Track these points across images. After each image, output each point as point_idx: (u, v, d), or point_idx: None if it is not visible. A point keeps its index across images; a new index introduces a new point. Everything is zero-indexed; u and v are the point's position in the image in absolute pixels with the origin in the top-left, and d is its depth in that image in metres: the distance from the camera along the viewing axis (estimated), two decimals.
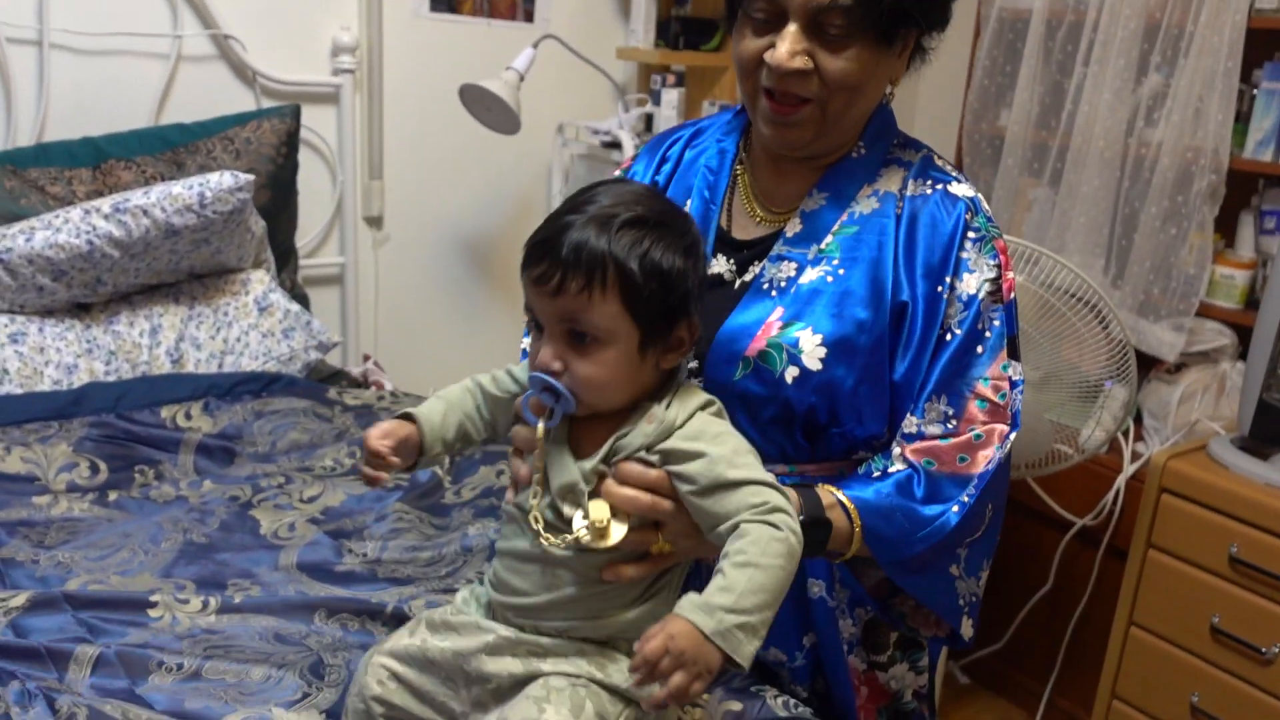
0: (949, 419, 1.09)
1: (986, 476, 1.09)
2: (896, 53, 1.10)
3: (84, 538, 1.47)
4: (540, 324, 0.98)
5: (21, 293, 1.83)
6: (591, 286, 0.94)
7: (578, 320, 0.95)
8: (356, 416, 1.90)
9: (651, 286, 0.95)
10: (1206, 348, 2.24)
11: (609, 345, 0.96)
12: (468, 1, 2.50)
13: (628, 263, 0.94)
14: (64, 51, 2.05)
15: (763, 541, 0.91)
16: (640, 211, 0.97)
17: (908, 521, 1.07)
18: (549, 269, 0.95)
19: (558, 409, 0.98)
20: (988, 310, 1.10)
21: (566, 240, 0.94)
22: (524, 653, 1.02)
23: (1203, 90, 2.14)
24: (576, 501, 0.99)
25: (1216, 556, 1.86)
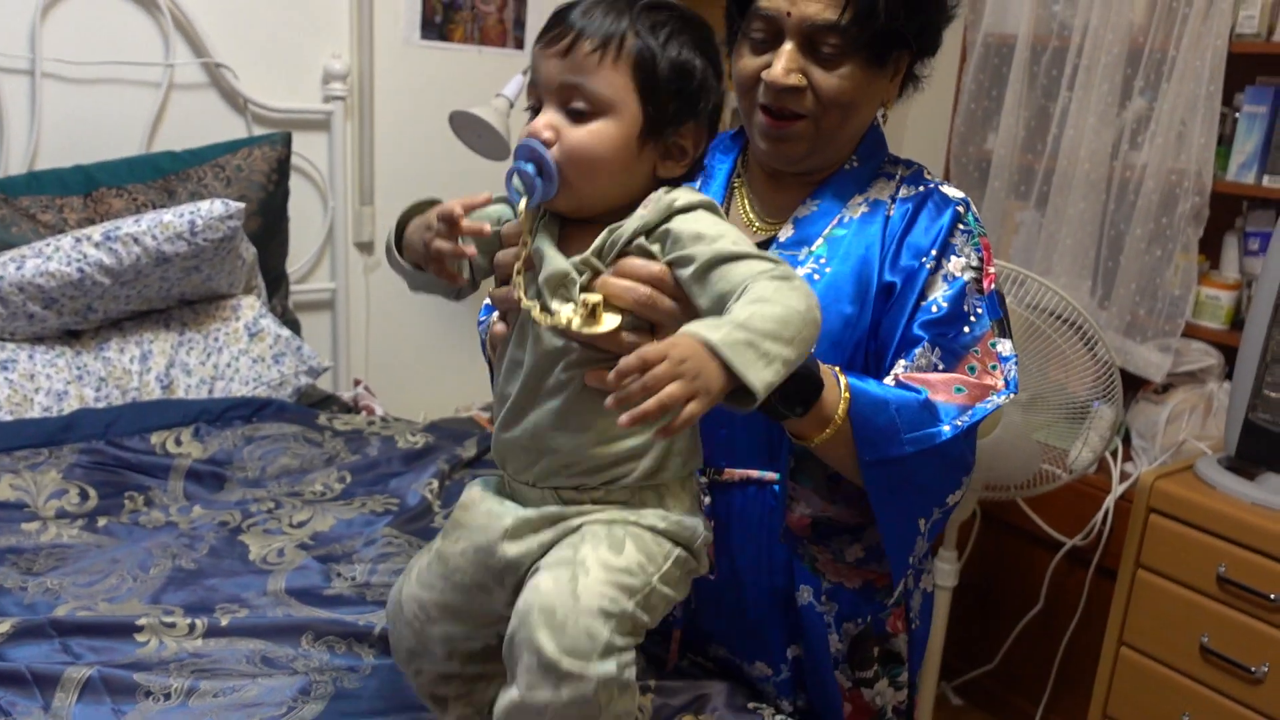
0: (938, 368, 1.09)
1: (981, 414, 1.07)
2: (889, 75, 1.13)
3: (73, 564, 1.46)
4: (539, 105, 0.92)
5: (12, 320, 1.84)
6: (605, 50, 0.89)
7: (582, 87, 0.89)
8: (346, 441, 1.90)
9: (666, 69, 0.90)
10: (1193, 368, 2.26)
11: (609, 118, 0.89)
12: (458, 29, 2.52)
13: (647, 40, 0.89)
14: (57, 80, 2.07)
15: (773, 285, 0.84)
16: (673, 8, 0.93)
17: (899, 417, 1.03)
18: (563, 30, 0.90)
19: (539, 185, 0.89)
20: (971, 295, 1.11)
21: (588, 8, 0.90)
22: (546, 523, 0.94)
23: (1185, 114, 2.16)
24: (568, 295, 0.91)
25: (1205, 576, 1.86)
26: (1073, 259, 2.37)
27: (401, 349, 2.65)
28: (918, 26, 1.09)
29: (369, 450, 1.89)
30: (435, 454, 1.89)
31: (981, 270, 1.13)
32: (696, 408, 0.77)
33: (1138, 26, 2.24)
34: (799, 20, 1.06)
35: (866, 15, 1.04)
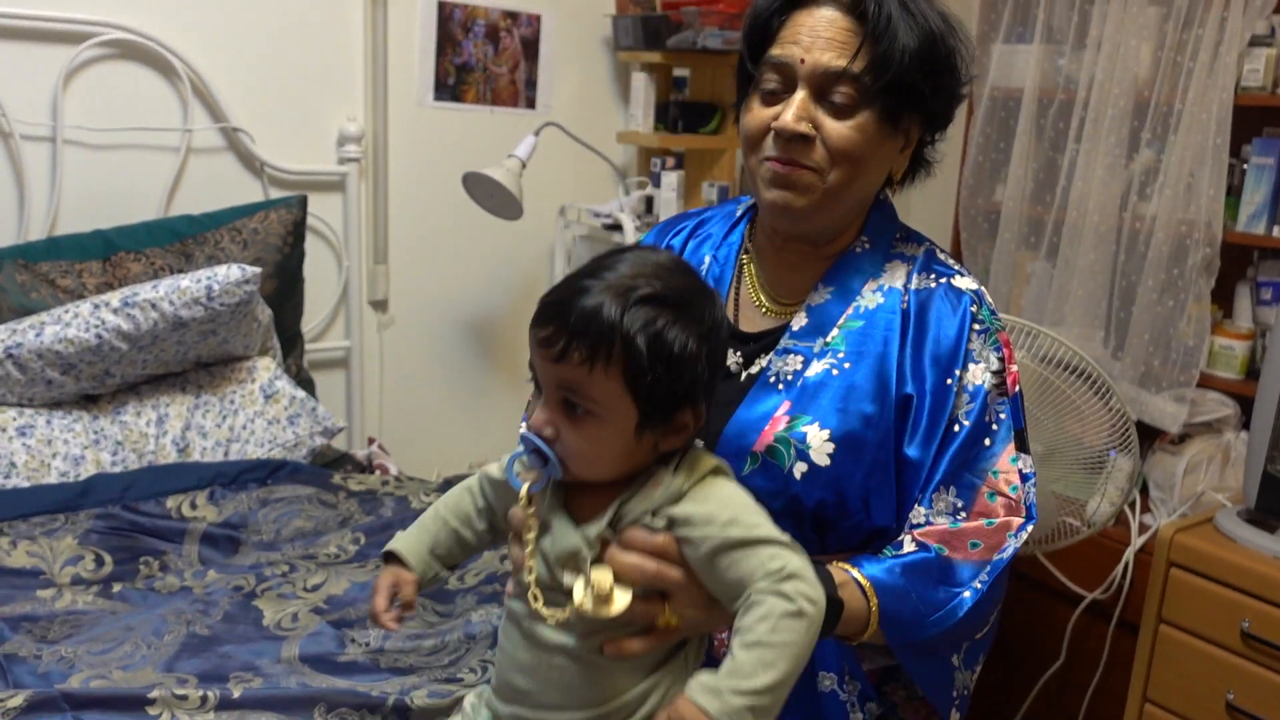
0: (958, 511, 1.09)
1: (1000, 565, 1.08)
2: (899, 143, 1.13)
3: (87, 632, 1.46)
4: (539, 384, 0.95)
5: (30, 386, 1.85)
6: (595, 359, 0.89)
7: (576, 390, 0.91)
8: (361, 502, 1.90)
9: (658, 370, 0.90)
10: (1209, 418, 2.24)
11: (604, 421, 0.91)
12: (471, 90, 2.56)
13: (636, 342, 0.88)
14: (77, 147, 2.11)
15: (774, 617, 0.86)
16: (659, 287, 0.91)
17: (921, 603, 1.05)
18: (555, 333, 0.90)
19: (544, 474, 0.93)
20: (994, 403, 1.11)
21: (578, 306, 0.89)
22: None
23: (1193, 165, 2.17)
24: (578, 569, 0.93)
25: (1229, 632, 1.84)
26: (1085, 309, 2.37)
27: (415, 406, 2.66)
28: (931, 86, 1.08)
29: (383, 511, 1.89)
30: None
31: (1004, 371, 1.12)
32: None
33: (1143, 80, 2.26)
34: (812, 67, 1.06)
35: (881, 64, 1.04)
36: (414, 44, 2.45)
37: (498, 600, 1.60)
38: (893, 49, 1.04)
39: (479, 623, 1.53)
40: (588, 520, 0.94)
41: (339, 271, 2.47)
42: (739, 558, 0.89)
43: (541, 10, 2.60)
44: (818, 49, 1.06)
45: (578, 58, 2.69)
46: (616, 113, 2.76)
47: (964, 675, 1.14)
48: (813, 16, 1.08)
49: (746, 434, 1.11)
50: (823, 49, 1.06)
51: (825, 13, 1.07)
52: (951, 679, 1.13)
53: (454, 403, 2.71)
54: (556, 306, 0.91)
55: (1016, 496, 1.10)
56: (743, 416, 1.12)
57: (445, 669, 1.43)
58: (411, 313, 2.61)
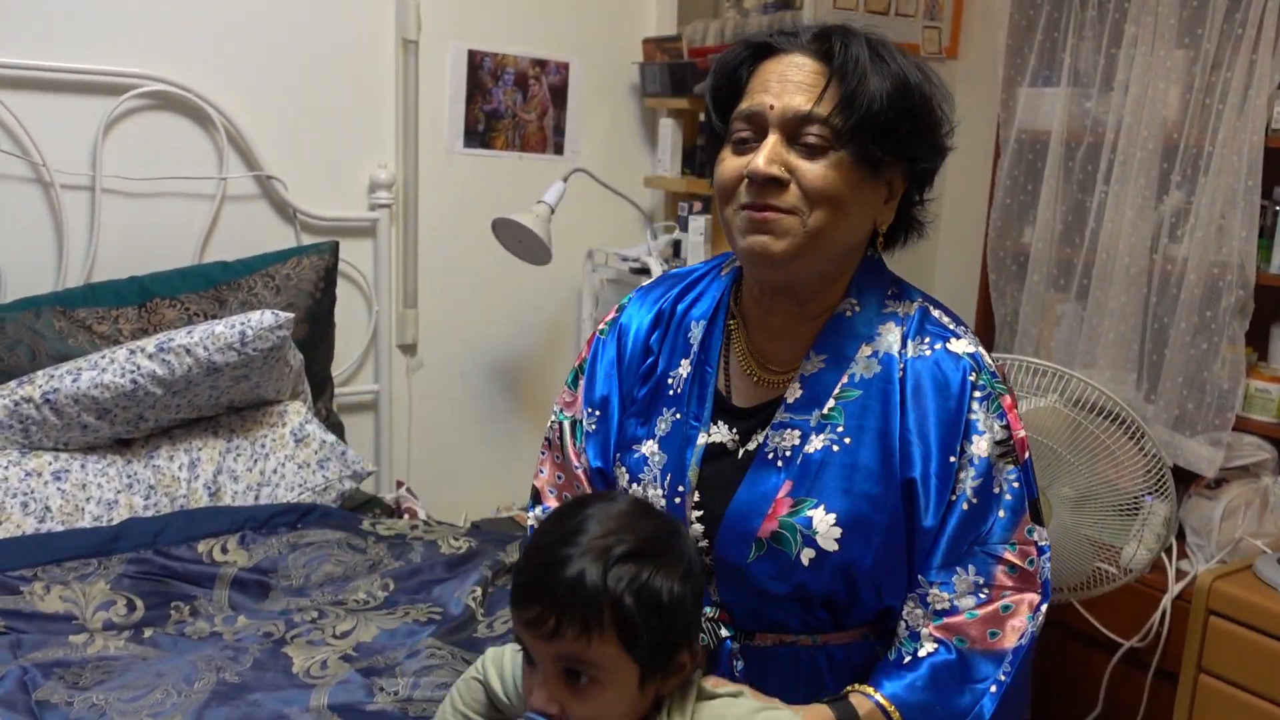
0: (980, 589, 1.07)
1: (1020, 652, 1.07)
2: (882, 192, 1.10)
3: (118, 678, 1.47)
4: (532, 659, 0.95)
5: (66, 431, 1.88)
6: (589, 630, 0.89)
7: (575, 661, 0.91)
8: (390, 547, 1.91)
9: (652, 624, 0.90)
10: (1246, 462, 2.21)
11: (607, 686, 0.92)
12: (500, 136, 2.59)
13: (624, 603, 0.89)
14: (115, 196, 2.15)
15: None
16: (633, 542, 0.92)
17: (945, 714, 1.05)
18: (543, 613, 0.90)
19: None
20: (1002, 473, 1.08)
21: (559, 580, 0.90)
22: None
23: (1224, 207, 2.16)
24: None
25: (1271, 683, 1.80)
26: (1116, 352, 2.35)
27: (443, 449, 2.67)
28: (907, 129, 1.06)
29: (412, 556, 1.89)
30: (478, 559, 1.88)
31: (1009, 440, 1.09)
32: None
33: (1171, 123, 2.26)
34: (782, 112, 1.04)
35: (849, 104, 1.03)
36: (444, 92, 2.49)
37: None
38: (861, 89, 1.03)
39: None
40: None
41: (369, 316, 2.50)
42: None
43: (570, 58, 2.64)
44: (787, 94, 1.05)
45: (605, 104, 2.72)
46: (644, 158, 2.79)
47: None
48: (781, 64, 1.07)
49: (750, 517, 1.09)
50: (792, 93, 1.04)
51: (794, 59, 1.07)
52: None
53: (482, 446, 2.72)
54: (537, 586, 0.91)
55: (1033, 570, 1.08)
56: (744, 498, 1.10)
57: None
58: (440, 356, 2.62)
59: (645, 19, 2.73)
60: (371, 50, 2.39)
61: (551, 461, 1.33)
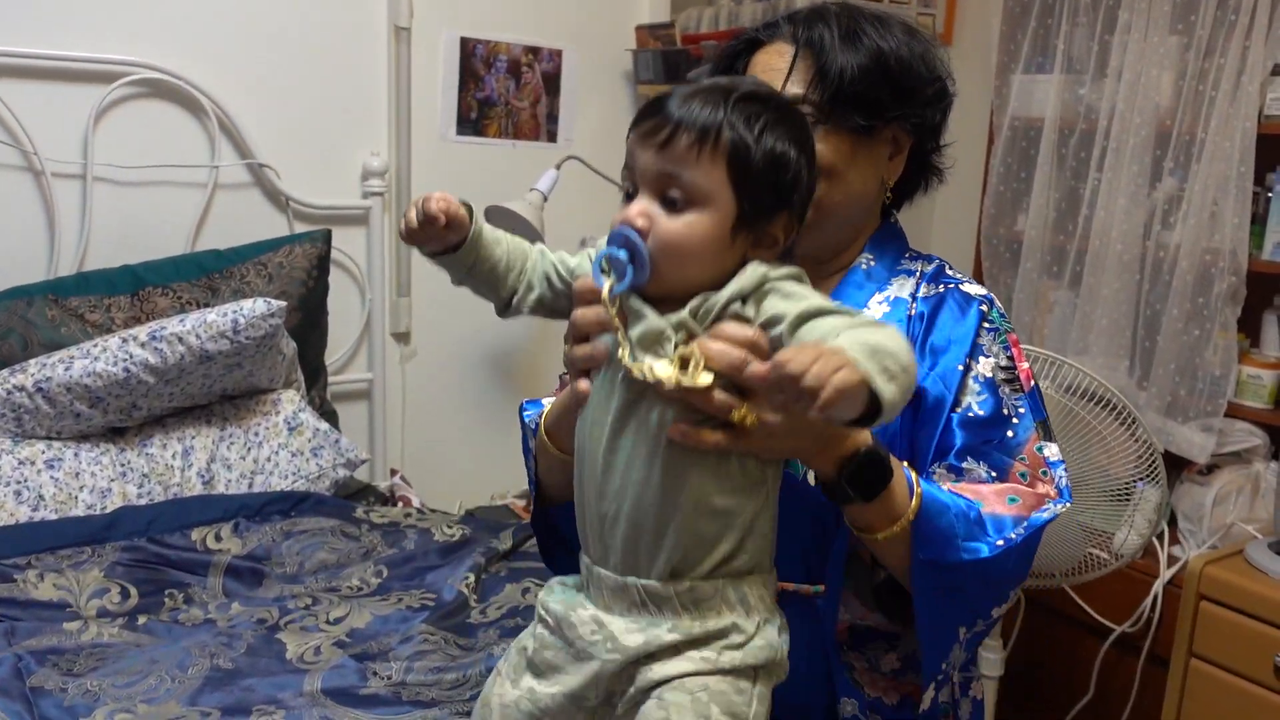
0: (991, 478, 1.07)
1: (1037, 524, 1.04)
2: (884, 150, 1.15)
3: (112, 665, 1.47)
4: (632, 189, 0.94)
5: (59, 420, 1.88)
6: (702, 144, 0.90)
7: (678, 178, 0.90)
8: (383, 535, 1.91)
9: (762, 165, 0.91)
10: (1238, 448, 2.22)
11: (703, 210, 0.91)
12: (493, 124, 2.58)
13: (741, 132, 0.90)
14: (106, 184, 2.14)
15: (872, 328, 0.84)
16: (763, 91, 0.95)
17: (958, 523, 1.02)
18: (660, 122, 0.91)
19: (630, 272, 0.90)
20: (1009, 398, 1.10)
21: (684, 98, 0.91)
22: (637, 647, 0.93)
23: (1217, 194, 2.17)
24: (661, 352, 0.91)
25: (1260, 667, 1.81)
26: (1109, 339, 2.35)
27: (437, 437, 2.67)
28: (889, 93, 1.11)
29: (405, 543, 1.89)
30: (471, 546, 1.89)
31: (1014, 368, 1.12)
32: (848, 375, 0.76)
33: (1165, 110, 2.26)
34: None
35: (821, 80, 1.09)
36: (437, 80, 2.48)
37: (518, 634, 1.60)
38: (830, 63, 1.09)
39: (500, 656, 1.52)
40: (670, 312, 0.92)
41: (362, 304, 2.49)
42: (820, 322, 0.87)
43: (563, 46, 2.63)
44: (772, 83, 1.09)
45: (599, 92, 2.72)
46: None
47: (959, 654, 1.09)
48: (767, 54, 1.14)
49: None
50: (775, 80, 1.10)
51: (776, 47, 1.14)
52: (949, 647, 1.08)
53: (476, 434, 2.72)
54: (661, 101, 0.93)
55: (1048, 478, 1.08)
56: None
57: (467, 703, 1.42)
58: (434, 345, 2.62)
59: (639, 6, 2.72)
60: (364, 38, 2.39)
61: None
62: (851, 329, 0.84)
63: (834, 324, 0.86)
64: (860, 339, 0.81)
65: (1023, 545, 1.03)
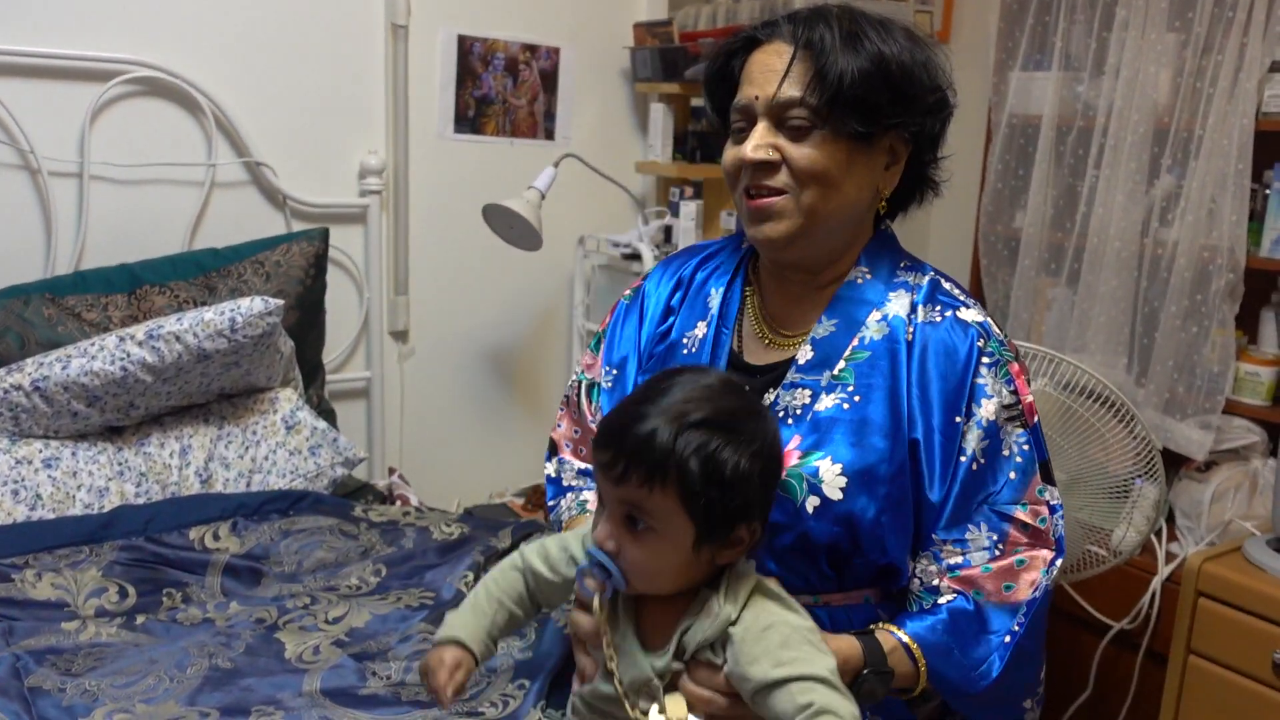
0: (994, 545, 1.09)
1: (1034, 605, 1.09)
2: (881, 159, 1.13)
3: (110, 664, 1.47)
4: (600, 507, 1.02)
5: (56, 419, 1.87)
6: (652, 481, 0.95)
7: (636, 508, 0.97)
8: (382, 533, 1.91)
9: (711, 491, 0.96)
10: (1236, 445, 2.22)
11: (663, 537, 0.97)
12: (490, 122, 2.58)
13: (689, 465, 0.95)
14: (103, 183, 2.14)
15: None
16: (709, 412, 0.97)
17: (964, 659, 1.07)
18: (614, 458, 0.97)
19: (609, 585, 1.00)
20: (1010, 436, 1.10)
21: (634, 432, 0.96)
22: None
23: (1215, 191, 2.17)
24: (651, 695, 1.00)
25: (1259, 664, 1.81)
26: (1107, 336, 2.35)
27: (435, 436, 2.67)
28: (888, 99, 1.09)
29: (404, 542, 1.89)
30: (470, 545, 1.88)
31: (1017, 404, 1.11)
32: None
33: (1162, 106, 2.26)
34: (765, 100, 1.11)
35: (820, 84, 1.08)
36: (434, 78, 2.48)
37: (519, 634, 1.60)
38: (829, 66, 1.08)
39: (499, 656, 1.52)
40: (655, 648, 1.01)
41: (360, 302, 2.49)
42: (777, 697, 0.95)
43: (560, 43, 2.63)
44: (769, 83, 1.10)
45: (596, 89, 2.71)
46: (635, 143, 2.78)
47: (1033, 712, 1.16)
48: (765, 53, 1.13)
49: None
50: (772, 81, 1.10)
51: (775, 47, 1.13)
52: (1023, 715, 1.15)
53: (474, 433, 2.72)
54: (616, 433, 0.98)
55: (1045, 529, 1.10)
56: None
57: (466, 702, 1.42)
58: (432, 343, 2.62)
59: (636, 3, 2.72)
60: (361, 36, 2.38)
61: (569, 417, 1.39)
62: None
63: (784, 707, 0.94)
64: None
65: (1028, 631, 1.09)
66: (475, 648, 1.08)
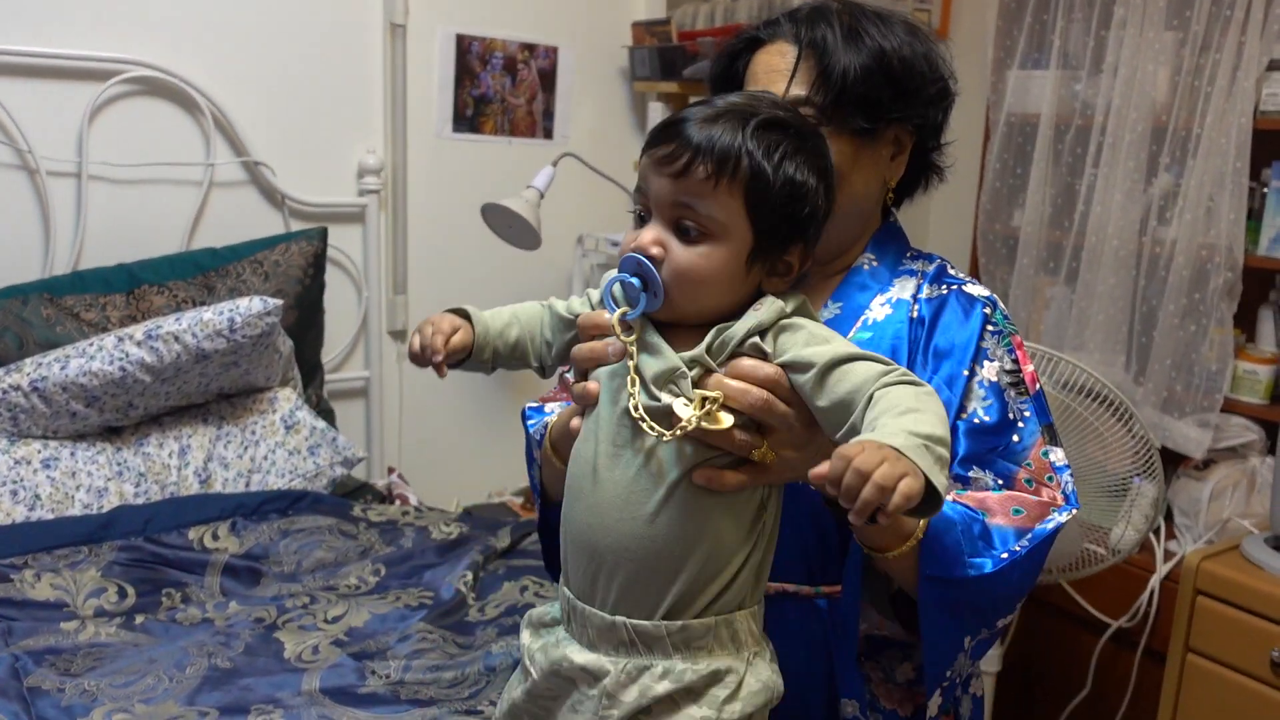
0: (997, 485, 1.07)
1: (1042, 535, 1.04)
2: (886, 151, 1.14)
3: (110, 664, 1.47)
4: (645, 213, 0.93)
5: (55, 419, 1.87)
6: (720, 175, 0.88)
7: (694, 208, 0.89)
8: (381, 533, 1.91)
9: (780, 195, 0.90)
10: (1234, 443, 2.22)
11: (719, 242, 0.90)
12: (489, 121, 2.58)
13: (760, 162, 0.89)
14: (101, 182, 2.14)
15: (910, 395, 0.83)
16: (782, 115, 0.93)
17: (964, 539, 1.01)
18: (678, 149, 0.89)
19: (643, 299, 0.90)
20: (1015, 401, 1.10)
21: (703, 124, 0.89)
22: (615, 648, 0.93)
23: (1213, 189, 2.17)
24: (676, 390, 0.90)
25: (1257, 661, 1.81)
26: (1105, 334, 2.36)
27: (434, 435, 2.67)
28: (890, 95, 1.10)
29: (403, 541, 1.89)
30: (469, 545, 1.89)
31: (1018, 371, 1.12)
32: (912, 483, 0.74)
33: (1160, 105, 2.26)
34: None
35: (824, 82, 1.08)
36: (433, 77, 2.48)
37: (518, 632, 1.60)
38: (833, 64, 1.07)
39: (499, 654, 1.52)
40: (684, 348, 0.92)
41: (359, 302, 2.49)
42: (850, 369, 0.87)
43: (559, 42, 2.63)
44: (774, 84, 1.10)
45: (594, 89, 2.71)
46: (633, 142, 2.78)
47: (965, 662, 1.09)
48: (768, 53, 1.13)
49: None
50: (778, 81, 1.10)
51: (777, 47, 1.12)
52: (953, 657, 1.08)
53: (473, 432, 2.72)
54: (678, 125, 0.91)
55: (1053, 484, 1.08)
56: None
57: (465, 701, 1.42)
58: None
59: (635, 2, 2.72)
60: (359, 35, 2.38)
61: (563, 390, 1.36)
62: (893, 400, 0.83)
63: (865, 374, 0.86)
64: (909, 428, 0.79)
65: (1027, 557, 1.03)
66: (478, 331, 1.03)
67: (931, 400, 0.85)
